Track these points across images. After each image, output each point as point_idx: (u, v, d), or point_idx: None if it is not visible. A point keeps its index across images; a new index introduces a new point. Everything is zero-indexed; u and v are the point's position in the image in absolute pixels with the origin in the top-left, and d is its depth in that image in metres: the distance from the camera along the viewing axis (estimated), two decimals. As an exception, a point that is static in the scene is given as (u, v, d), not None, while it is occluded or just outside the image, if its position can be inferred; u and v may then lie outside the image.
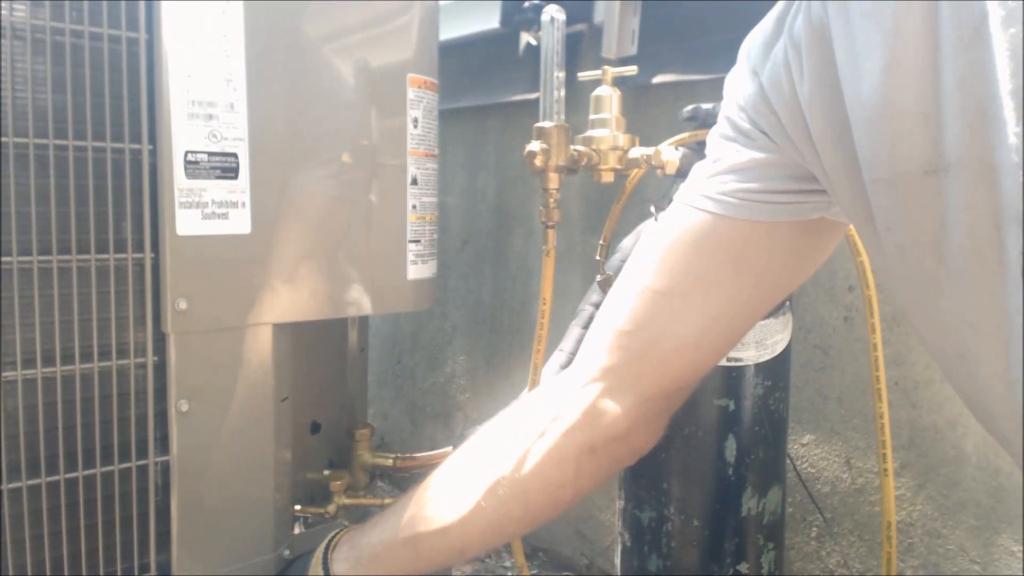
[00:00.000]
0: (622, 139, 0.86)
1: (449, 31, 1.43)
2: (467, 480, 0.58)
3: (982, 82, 0.34)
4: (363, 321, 1.09)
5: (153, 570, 0.79)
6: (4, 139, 0.67)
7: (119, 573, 0.77)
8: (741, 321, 0.57)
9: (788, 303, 0.81)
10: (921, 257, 0.39)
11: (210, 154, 0.75)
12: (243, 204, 0.78)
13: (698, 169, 0.54)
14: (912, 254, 0.40)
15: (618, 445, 0.57)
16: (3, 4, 0.66)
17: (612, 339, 0.57)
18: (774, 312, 0.80)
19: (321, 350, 0.99)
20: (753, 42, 0.51)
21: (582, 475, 0.57)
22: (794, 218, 0.51)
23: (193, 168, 0.74)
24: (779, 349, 0.81)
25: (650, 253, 0.56)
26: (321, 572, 0.68)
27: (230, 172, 0.76)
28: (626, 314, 0.56)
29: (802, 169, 0.48)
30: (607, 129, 0.86)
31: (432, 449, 1.11)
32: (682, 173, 0.84)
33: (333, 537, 0.70)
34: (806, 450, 1.03)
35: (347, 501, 0.98)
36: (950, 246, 0.37)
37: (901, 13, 0.37)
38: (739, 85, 0.51)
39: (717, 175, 0.52)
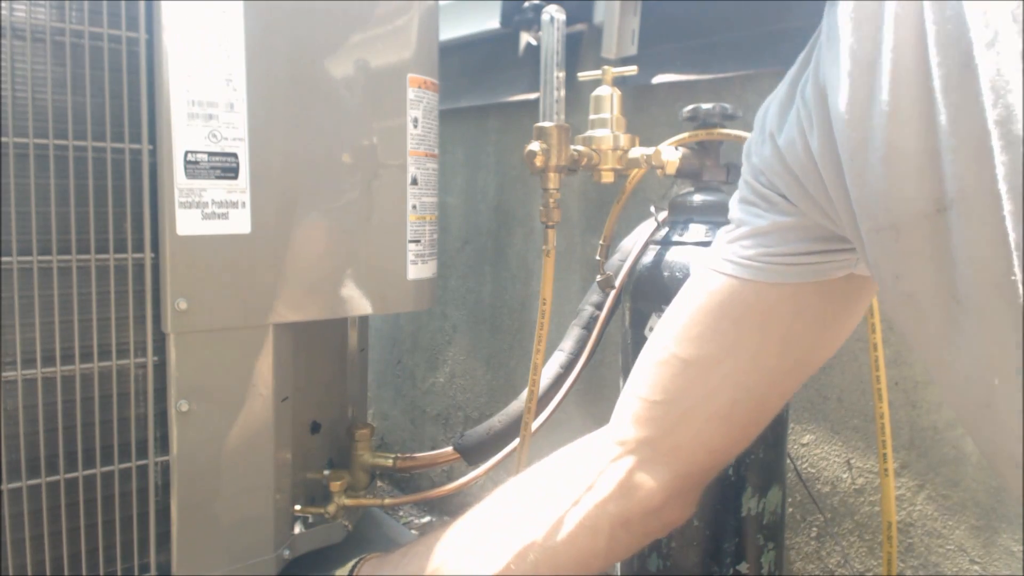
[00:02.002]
0: (622, 139, 0.86)
1: (449, 31, 1.43)
2: (497, 540, 0.57)
3: (977, 114, 0.33)
4: (363, 321, 1.09)
5: (153, 570, 0.79)
6: (4, 139, 0.67)
7: (119, 573, 0.77)
8: (773, 391, 0.56)
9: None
10: (935, 302, 0.38)
11: (210, 154, 0.75)
12: (243, 204, 0.78)
13: (721, 234, 0.54)
14: (925, 300, 0.39)
15: (651, 519, 0.57)
16: (3, 4, 0.66)
17: (644, 409, 0.56)
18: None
19: (321, 350, 0.99)
20: (769, 106, 0.51)
21: (614, 547, 0.57)
22: (819, 278, 0.50)
23: (193, 168, 0.74)
24: (779, 349, 0.81)
25: (676, 319, 0.55)
26: None
27: (230, 172, 0.76)
28: (657, 384, 0.55)
29: (825, 230, 0.48)
30: (607, 129, 0.86)
31: (432, 449, 1.11)
32: (682, 173, 0.84)
33: (355, 567, 0.69)
34: (806, 450, 1.03)
35: (347, 501, 0.98)
36: (965, 284, 0.36)
37: (897, 55, 0.37)
38: (757, 149, 0.51)
39: (739, 239, 0.51)
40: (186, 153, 0.74)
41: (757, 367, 0.53)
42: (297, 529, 0.96)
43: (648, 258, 0.84)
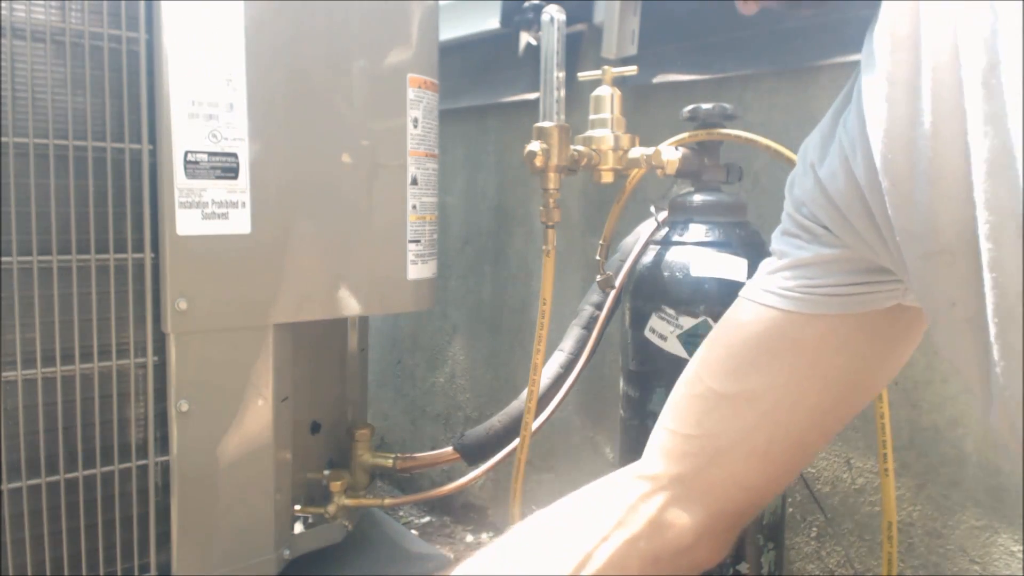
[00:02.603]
0: (622, 139, 0.86)
1: (449, 31, 1.43)
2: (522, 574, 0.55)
3: (997, 133, 0.33)
4: (363, 321, 1.09)
5: (153, 570, 0.79)
6: (4, 139, 0.67)
7: (119, 573, 0.77)
8: (814, 429, 0.54)
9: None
10: (982, 326, 0.37)
11: (210, 154, 0.75)
12: (243, 204, 0.78)
13: (763, 266, 0.53)
14: (979, 324, 0.37)
15: (682, 558, 0.55)
16: (3, 4, 0.66)
17: (678, 444, 0.55)
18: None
19: (321, 350, 0.99)
20: (811, 139, 0.50)
21: None
22: (864, 309, 0.48)
23: (193, 168, 0.74)
24: (779, 349, 0.81)
25: (713, 351, 0.54)
26: None
27: (230, 172, 0.76)
28: (691, 418, 0.54)
29: (870, 262, 0.46)
30: (607, 129, 0.86)
31: (432, 449, 1.11)
32: (682, 173, 0.84)
33: None
34: (806, 450, 1.03)
35: (347, 501, 0.98)
36: (992, 308, 0.35)
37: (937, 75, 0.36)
38: (800, 181, 0.50)
39: (780, 271, 0.50)
40: (186, 153, 0.74)
41: (797, 404, 0.52)
42: (297, 529, 0.96)
43: (648, 258, 0.84)
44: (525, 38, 1.25)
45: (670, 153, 0.83)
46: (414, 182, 0.90)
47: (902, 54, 0.38)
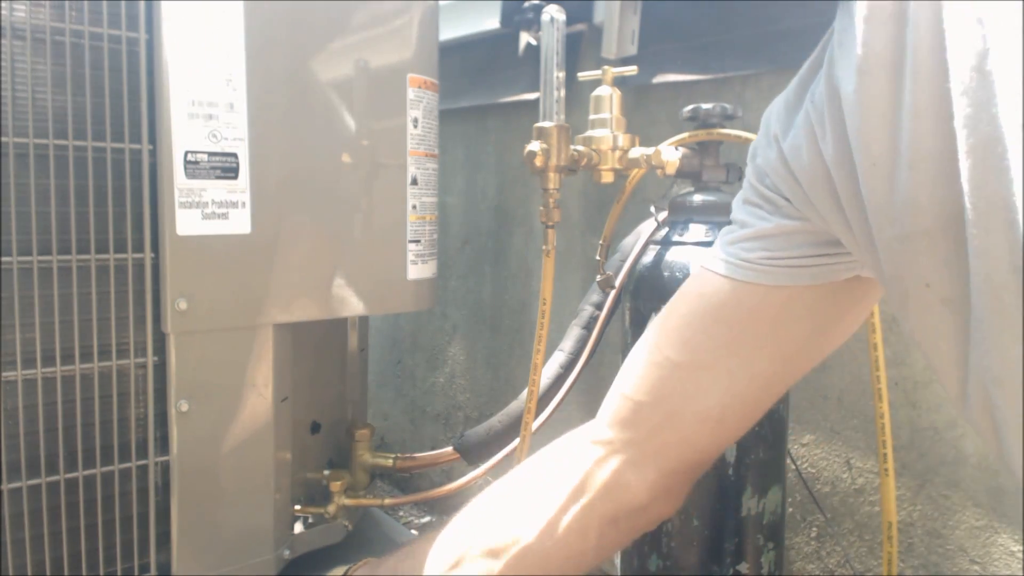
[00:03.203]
0: (622, 139, 0.86)
1: (449, 31, 1.43)
2: (490, 544, 0.57)
3: (987, 120, 0.32)
4: (363, 321, 1.09)
5: (153, 570, 0.79)
6: (4, 139, 0.67)
7: (119, 573, 0.77)
8: (767, 395, 0.55)
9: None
10: (960, 309, 0.37)
11: (210, 154, 0.75)
12: (243, 204, 0.78)
13: (722, 234, 0.53)
14: (957, 307, 0.37)
15: (638, 516, 0.57)
16: (3, 4, 0.66)
17: (632, 410, 0.56)
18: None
19: (321, 350, 0.99)
20: (775, 107, 0.49)
21: (604, 544, 0.57)
22: (824, 280, 0.49)
23: (193, 168, 0.74)
24: (779, 349, 0.81)
25: (671, 320, 0.55)
26: None
27: (230, 172, 0.76)
28: (646, 384, 0.55)
29: (830, 235, 0.46)
30: (607, 129, 0.86)
31: (432, 449, 1.11)
32: (682, 173, 0.84)
33: (349, 569, 0.69)
34: (806, 450, 1.03)
35: (347, 501, 0.98)
36: (976, 293, 0.35)
37: (917, 57, 0.36)
38: (762, 152, 0.50)
39: (741, 241, 0.50)
40: (186, 153, 0.74)
41: (750, 372, 0.52)
42: (297, 529, 0.96)
43: (648, 258, 0.84)
44: (525, 38, 1.25)
45: (670, 153, 0.83)
46: (414, 182, 0.90)
47: (884, 30, 0.37)
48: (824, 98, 0.43)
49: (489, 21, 1.36)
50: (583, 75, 0.91)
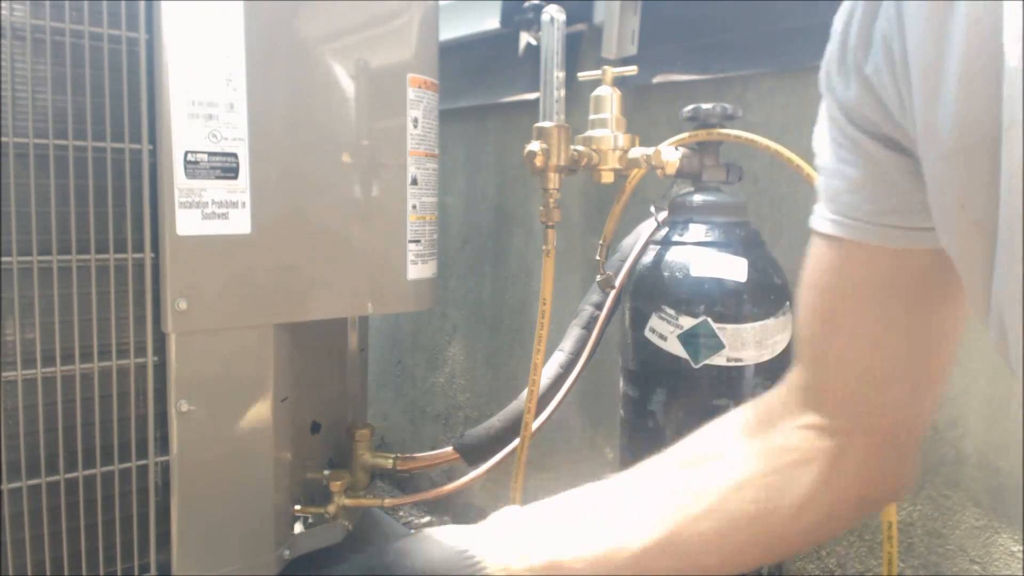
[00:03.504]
0: (622, 139, 0.86)
1: (449, 31, 1.43)
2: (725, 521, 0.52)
3: None
4: (363, 321, 1.09)
5: (153, 570, 0.79)
6: (4, 139, 0.67)
7: (119, 573, 0.77)
8: (926, 352, 0.52)
9: (789, 303, 0.81)
10: (989, 230, 0.36)
11: (210, 154, 0.75)
12: (243, 204, 0.78)
13: (826, 187, 0.50)
14: (986, 227, 0.36)
15: (863, 503, 0.55)
16: (3, 4, 0.66)
17: (820, 389, 0.54)
18: (774, 312, 0.80)
19: (321, 350, 1.00)
20: (850, 27, 0.46)
21: (828, 529, 0.55)
22: (919, 245, 0.47)
23: (193, 168, 0.74)
24: (779, 349, 0.81)
25: (824, 293, 0.52)
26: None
27: (230, 172, 0.76)
28: (809, 358, 0.54)
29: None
30: (607, 129, 0.86)
31: (432, 449, 1.11)
32: (682, 173, 0.84)
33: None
34: (806, 450, 1.03)
35: (347, 501, 0.98)
36: (1001, 215, 0.35)
37: None
38: (841, 97, 0.47)
39: (846, 193, 0.47)
40: (186, 153, 0.74)
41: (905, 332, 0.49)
42: (297, 529, 0.96)
43: (648, 258, 0.84)
44: (525, 38, 1.25)
45: (670, 153, 0.83)
46: (414, 182, 0.90)
47: None
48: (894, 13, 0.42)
49: (489, 21, 1.36)
50: (583, 75, 0.91)
